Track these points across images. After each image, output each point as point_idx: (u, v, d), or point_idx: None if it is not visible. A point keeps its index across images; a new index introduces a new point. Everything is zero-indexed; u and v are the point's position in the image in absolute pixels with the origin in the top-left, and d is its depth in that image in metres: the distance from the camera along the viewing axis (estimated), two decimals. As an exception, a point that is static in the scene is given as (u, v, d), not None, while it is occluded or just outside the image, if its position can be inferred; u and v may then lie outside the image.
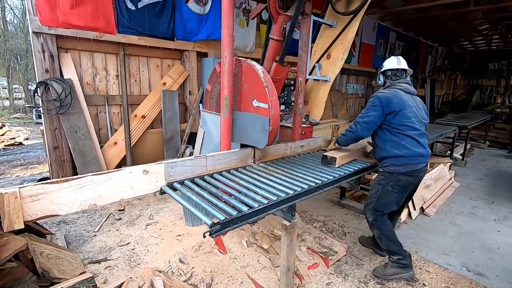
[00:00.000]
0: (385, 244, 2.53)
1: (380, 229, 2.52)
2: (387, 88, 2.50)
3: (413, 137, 2.34)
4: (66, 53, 3.77)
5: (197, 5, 4.68)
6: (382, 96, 2.38)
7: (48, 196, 1.48)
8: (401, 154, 2.33)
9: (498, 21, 8.43)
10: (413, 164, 2.35)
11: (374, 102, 2.41)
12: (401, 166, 2.35)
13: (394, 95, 2.37)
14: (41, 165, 5.47)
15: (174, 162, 1.98)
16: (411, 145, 2.33)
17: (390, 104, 2.34)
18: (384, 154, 2.43)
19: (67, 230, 3.02)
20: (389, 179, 2.40)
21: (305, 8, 2.91)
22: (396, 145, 2.36)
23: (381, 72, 2.62)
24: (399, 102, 2.35)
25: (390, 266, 2.51)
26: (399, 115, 2.34)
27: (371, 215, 2.54)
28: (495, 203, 4.30)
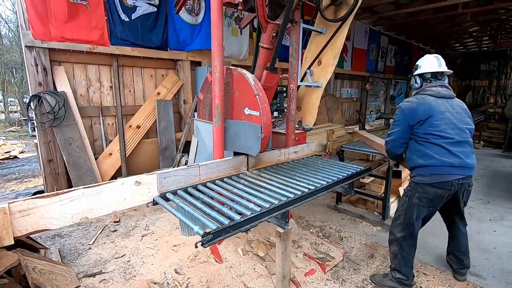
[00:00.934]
0: (396, 263, 2.37)
1: (402, 249, 2.33)
2: (416, 95, 2.32)
3: (441, 145, 2.13)
4: (59, 66, 3.79)
5: (189, 15, 4.74)
6: (407, 107, 2.24)
7: (38, 210, 1.48)
8: (426, 164, 2.17)
9: (487, 22, 8.60)
10: (441, 175, 2.14)
11: (397, 116, 2.30)
12: (427, 176, 2.18)
13: (420, 103, 2.19)
14: (36, 179, 5.43)
15: (167, 172, 1.98)
16: (438, 154, 2.13)
17: (415, 114, 2.19)
18: (410, 164, 2.32)
19: (61, 243, 2.99)
20: (415, 190, 2.25)
21: (294, 16, 2.96)
22: (421, 155, 2.20)
23: (418, 75, 2.39)
24: (426, 110, 2.16)
25: (389, 279, 2.42)
26: (425, 124, 2.17)
27: (401, 231, 2.33)
28: (491, 203, 4.32)
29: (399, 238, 2.35)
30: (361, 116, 9.53)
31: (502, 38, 10.17)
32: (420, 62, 2.44)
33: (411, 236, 2.34)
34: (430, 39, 11.03)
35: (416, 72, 2.41)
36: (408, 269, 2.37)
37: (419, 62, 2.45)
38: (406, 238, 2.33)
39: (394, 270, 2.41)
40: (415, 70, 2.43)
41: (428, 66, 2.36)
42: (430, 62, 2.36)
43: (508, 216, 3.90)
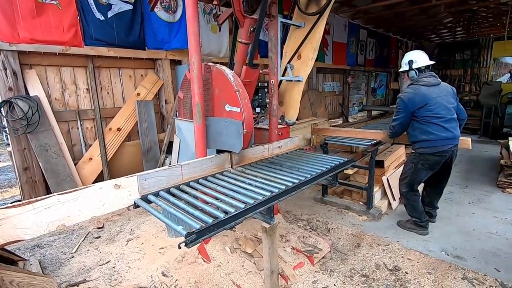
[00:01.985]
0: (409, 210, 3.20)
1: (408, 199, 3.16)
2: (411, 86, 2.92)
3: (438, 124, 2.79)
4: (30, 70, 3.62)
5: (166, 13, 4.63)
6: (406, 97, 2.85)
7: (9, 221, 1.40)
8: (428, 138, 2.82)
9: (460, 13, 8.87)
10: (439, 146, 2.82)
11: (399, 105, 2.91)
12: (428, 148, 2.85)
13: (416, 93, 2.82)
14: (13, 188, 5.20)
15: (147, 173, 1.93)
16: (437, 130, 2.79)
17: (414, 103, 2.81)
18: (413, 139, 2.96)
19: (42, 254, 2.88)
20: (419, 158, 2.94)
21: (271, 10, 2.94)
22: (423, 132, 2.84)
23: (417, 69, 2.96)
24: (421, 98, 2.79)
25: (410, 222, 3.23)
26: (422, 109, 2.80)
27: (405, 187, 3.13)
28: (469, 187, 4.49)
29: (404, 192, 3.17)
30: (344, 109, 9.67)
31: (474, 28, 10.54)
32: (414, 57, 2.99)
33: (412, 190, 3.13)
34: (407, 31, 11.30)
35: (415, 66, 2.95)
36: (419, 213, 3.14)
37: (413, 57, 2.99)
38: (409, 191, 3.13)
39: (411, 216, 3.21)
40: (412, 64, 2.96)
41: (423, 60, 2.97)
42: (423, 57, 2.98)
43: (486, 198, 4.07)
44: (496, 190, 4.34)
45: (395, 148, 4.51)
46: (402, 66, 3.11)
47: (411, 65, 2.97)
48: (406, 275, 2.52)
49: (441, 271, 2.55)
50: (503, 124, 7.96)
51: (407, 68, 3.01)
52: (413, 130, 2.95)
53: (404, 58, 3.10)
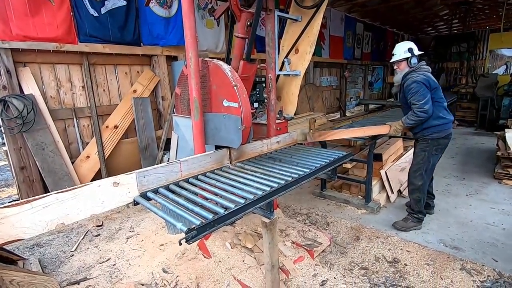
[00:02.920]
0: (420, 205, 3.04)
1: (423, 193, 3.03)
2: (416, 71, 2.90)
3: (445, 107, 2.92)
4: (24, 67, 3.57)
5: (161, 8, 4.57)
6: (422, 79, 2.81)
7: (8, 220, 1.39)
8: (439, 123, 2.87)
9: (456, 6, 8.84)
10: (448, 129, 2.91)
11: (421, 87, 2.80)
12: (441, 132, 2.88)
13: (428, 76, 2.86)
14: (10, 188, 5.17)
15: (146, 170, 1.92)
16: (445, 114, 2.90)
17: (430, 84, 2.83)
18: (425, 126, 2.91)
19: (41, 253, 2.87)
20: (432, 144, 2.92)
21: (268, 4, 2.91)
22: (434, 117, 2.85)
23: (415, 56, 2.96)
24: (432, 81, 2.86)
25: (410, 221, 3.08)
26: (436, 91, 2.87)
27: (421, 179, 2.98)
28: (466, 179, 4.53)
29: (420, 185, 3.00)
30: (341, 103, 9.67)
31: (471, 20, 10.53)
32: (411, 45, 3.01)
33: (427, 181, 3.07)
34: (404, 24, 11.26)
35: (416, 53, 2.98)
36: (422, 207, 3.10)
37: (411, 45, 3.01)
38: (425, 183, 3.03)
39: (417, 212, 3.07)
40: (412, 51, 2.96)
41: (415, 48, 3.00)
42: (414, 46, 3.02)
43: (483, 190, 4.11)
44: (493, 181, 4.38)
45: (393, 141, 4.52)
46: (400, 54, 3.03)
47: (413, 52, 2.96)
48: (405, 267, 2.55)
49: (440, 262, 2.58)
50: (499, 116, 8.01)
51: (409, 55, 2.96)
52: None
53: (398, 48, 3.05)
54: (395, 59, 3.08)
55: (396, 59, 3.07)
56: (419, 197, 3.03)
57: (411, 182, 3.08)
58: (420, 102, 2.81)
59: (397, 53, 3.06)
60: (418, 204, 3.04)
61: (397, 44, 3.13)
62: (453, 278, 2.38)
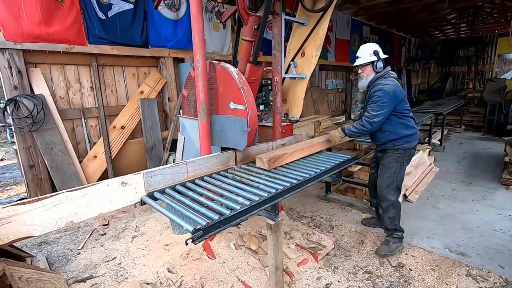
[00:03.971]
0: (396, 223, 2.75)
1: (397, 209, 2.75)
2: (385, 78, 2.64)
3: (412, 117, 2.75)
4: (35, 68, 3.64)
5: (169, 10, 4.63)
6: (390, 89, 2.53)
7: (19, 217, 1.43)
8: (410, 133, 2.69)
9: (464, 9, 8.79)
10: (416, 140, 2.77)
11: (384, 98, 2.52)
12: (412, 142, 2.72)
13: (396, 85, 2.60)
14: (19, 186, 5.26)
15: (153, 171, 1.95)
16: (413, 124, 2.74)
17: (397, 96, 2.58)
18: (395, 136, 2.69)
19: (48, 250, 2.91)
20: (404, 154, 2.71)
21: (275, 7, 2.94)
22: (405, 127, 2.67)
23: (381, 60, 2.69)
24: (401, 91, 2.63)
25: (392, 243, 2.76)
26: (402, 102, 2.64)
27: (394, 194, 2.73)
28: (473, 184, 4.48)
29: (394, 201, 2.73)
30: (347, 106, 9.65)
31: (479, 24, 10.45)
32: (376, 48, 2.72)
33: (399, 195, 2.82)
34: (411, 28, 11.22)
35: (382, 56, 2.70)
36: (399, 224, 2.81)
37: (376, 48, 2.72)
38: (397, 198, 2.78)
39: (394, 231, 2.78)
40: (378, 54, 2.68)
41: (381, 51, 2.73)
42: (379, 48, 2.75)
43: (490, 195, 4.06)
44: (500, 187, 4.33)
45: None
46: (365, 58, 2.68)
47: (379, 55, 2.66)
48: (410, 272, 2.53)
49: (445, 268, 2.56)
50: (507, 121, 7.91)
51: (375, 59, 2.64)
52: (394, 127, 2.66)
53: (363, 50, 2.73)
54: (359, 62, 2.73)
55: (360, 62, 2.72)
56: (394, 214, 2.73)
57: (384, 197, 2.73)
58: (374, 113, 2.54)
59: (362, 56, 2.72)
60: (394, 222, 2.75)
61: (361, 46, 2.82)
62: (458, 284, 2.36)
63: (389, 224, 2.76)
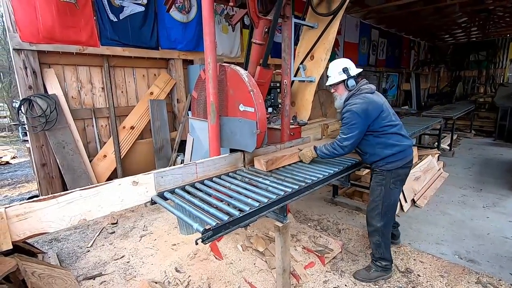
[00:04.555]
0: (381, 251, 2.46)
1: (384, 236, 2.44)
2: (355, 96, 2.36)
3: (397, 132, 2.37)
4: (49, 69, 3.73)
5: (179, 13, 4.70)
6: (359, 109, 2.26)
7: (35, 214, 1.47)
8: (394, 152, 2.34)
9: (475, 13, 8.68)
10: (406, 157, 2.40)
11: (353, 119, 2.29)
12: (397, 161, 2.36)
13: (368, 103, 2.29)
14: (30, 184, 5.36)
15: (164, 171, 1.98)
16: (399, 140, 2.36)
17: (369, 115, 2.28)
18: (376, 158, 2.40)
19: (59, 247, 2.97)
20: (389, 176, 2.38)
21: (285, 11, 2.96)
22: (384, 146, 2.35)
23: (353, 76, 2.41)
24: (374, 107, 2.30)
25: (374, 270, 2.49)
26: (378, 119, 2.32)
27: (380, 220, 2.42)
28: (484, 190, 4.41)
29: (379, 227, 2.43)
30: (355, 109, 9.59)
31: (490, 28, 10.31)
32: (346, 64, 2.44)
33: (391, 220, 2.52)
34: (420, 31, 11.13)
35: (352, 73, 2.42)
36: (389, 253, 2.51)
37: (346, 64, 2.44)
38: (387, 224, 2.46)
39: (379, 259, 2.48)
40: (348, 71, 2.41)
41: (354, 68, 2.45)
42: (353, 64, 2.47)
43: (501, 202, 3.99)
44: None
45: (407, 149, 4.46)
46: (333, 77, 2.46)
47: (349, 72, 2.40)
48: (418, 278, 2.50)
49: (454, 275, 2.52)
50: (519, 127, 7.75)
51: (345, 77, 2.39)
52: (372, 148, 2.40)
53: (331, 68, 2.49)
54: (329, 82, 2.50)
55: (331, 82, 2.49)
56: (379, 241, 2.44)
57: (369, 222, 2.52)
58: (343, 136, 2.34)
59: (331, 75, 2.48)
60: (379, 249, 2.46)
61: (330, 63, 2.57)
62: (468, 291, 2.33)
63: (374, 250, 2.51)
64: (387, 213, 2.43)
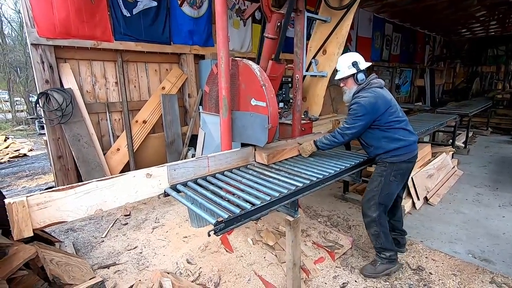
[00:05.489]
0: (381, 241, 2.45)
1: (381, 226, 2.44)
2: (365, 90, 2.37)
3: (403, 128, 2.40)
4: (65, 63, 3.82)
5: (191, 8, 4.71)
6: (367, 103, 2.28)
7: (54, 203, 1.52)
8: (399, 146, 2.36)
9: (494, 6, 8.36)
10: (411, 152, 2.42)
11: (359, 111, 2.31)
12: (401, 155, 2.38)
13: (377, 97, 2.31)
14: (46, 175, 5.53)
15: (177, 164, 2.01)
16: (404, 135, 2.39)
17: (377, 109, 2.31)
18: (381, 151, 2.42)
19: (75, 237, 3.06)
20: (391, 168, 2.40)
21: (298, 4, 2.93)
22: (391, 140, 2.37)
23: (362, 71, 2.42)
24: (384, 101, 2.33)
25: (380, 264, 2.47)
26: (385, 114, 2.34)
27: (376, 210, 2.43)
28: (500, 189, 4.29)
29: (375, 217, 2.44)
30: (366, 106, 9.45)
31: (510, 22, 9.92)
32: (355, 58, 2.45)
33: (385, 211, 2.50)
34: (436, 26, 10.80)
35: (362, 67, 2.42)
36: (391, 243, 2.50)
37: (355, 58, 2.45)
38: (382, 214, 2.46)
39: (381, 250, 2.48)
40: (357, 65, 2.41)
41: (363, 62, 2.45)
42: (362, 58, 2.48)
43: (517, 202, 3.88)
44: (529, 193, 4.12)
45: (420, 146, 4.38)
46: (343, 71, 2.46)
47: (358, 66, 2.41)
48: (430, 276, 2.47)
49: (468, 274, 2.48)
50: (538, 125, 7.49)
51: (355, 71, 2.41)
52: (378, 141, 2.41)
53: (341, 62, 2.49)
54: (338, 76, 2.52)
55: (340, 76, 2.49)
56: (377, 231, 2.45)
57: (364, 213, 2.53)
58: (346, 125, 2.37)
59: (341, 69, 2.49)
60: (378, 240, 2.46)
61: (339, 57, 2.56)
62: (482, 291, 2.29)
63: (374, 241, 2.51)
64: (382, 204, 2.45)
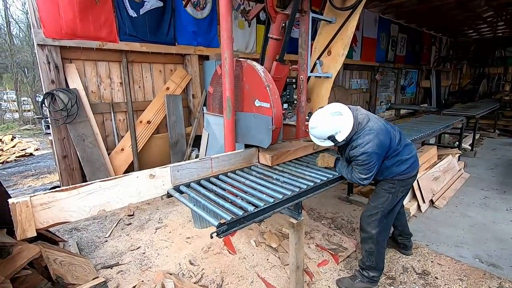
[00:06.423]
0: (373, 260, 2.31)
1: (378, 244, 2.30)
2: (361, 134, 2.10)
3: (406, 144, 2.30)
4: (70, 64, 3.84)
5: (194, 9, 4.72)
6: (375, 147, 2.05)
7: (58, 203, 1.52)
8: (408, 165, 2.27)
9: (502, 7, 8.25)
10: (416, 167, 2.37)
11: (371, 159, 2.07)
12: (408, 172, 2.29)
13: (376, 134, 2.08)
14: (52, 175, 5.58)
15: (180, 165, 2.00)
16: (410, 152, 2.31)
17: (384, 145, 2.12)
18: (391, 175, 2.28)
19: (79, 237, 3.08)
20: (399, 185, 2.29)
21: (303, 5, 2.91)
22: (400, 163, 2.25)
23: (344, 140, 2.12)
24: (384, 133, 2.13)
25: (359, 281, 2.34)
26: (391, 143, 2.20)
27: (376, 226, 2.29)
28: (507, 193, 4.22)
29: (374, 234, 2.29)
30: (371, 107, 9.38)
31: (519, 23, 9.78)
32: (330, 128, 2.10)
33: (387, 227, 2.39)
34: (442, 26, 10.69)
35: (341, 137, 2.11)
36: (383, 262, 2.39)
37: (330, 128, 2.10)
38: (382, 231, 2.32)
39: (369, 268, 2.34)
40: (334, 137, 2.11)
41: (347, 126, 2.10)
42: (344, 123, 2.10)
43: (526, 205, 3.80)
44: (538, 197, 4.04)
45: (426, 148, 4.33)
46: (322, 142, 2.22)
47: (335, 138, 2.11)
48: (435, 280, 2.43)
49: (474, 279, 2.43)
50: (547, 127, 7.35)
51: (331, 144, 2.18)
52: (388, 170, 2.26)
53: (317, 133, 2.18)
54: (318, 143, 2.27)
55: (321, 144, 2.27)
56: (372, 249, 2.29)
57: (362, 228, 2.36)
58: (363, 176, 2.14)
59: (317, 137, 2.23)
60: (371, 257, 2.31)
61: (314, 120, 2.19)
62: (489, 296, 2.25)
63: (365, 258, 2.35)
64: (384, 220, 2.32)
